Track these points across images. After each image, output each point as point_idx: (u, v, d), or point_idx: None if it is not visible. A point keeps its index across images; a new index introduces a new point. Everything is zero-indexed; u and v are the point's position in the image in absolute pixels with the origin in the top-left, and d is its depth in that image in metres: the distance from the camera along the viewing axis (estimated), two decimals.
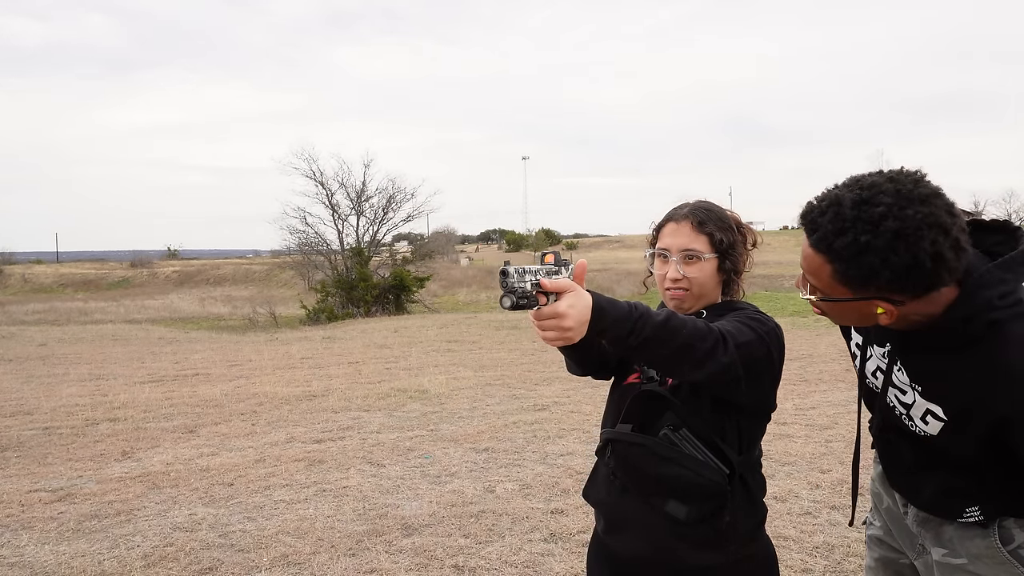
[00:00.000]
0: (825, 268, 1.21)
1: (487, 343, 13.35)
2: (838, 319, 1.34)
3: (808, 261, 1.25)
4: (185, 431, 6.44)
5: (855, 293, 1.21)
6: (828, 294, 1.25)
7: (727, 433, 1.46)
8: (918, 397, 1.34)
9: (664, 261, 1.57)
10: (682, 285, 1.54)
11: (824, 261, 1.20)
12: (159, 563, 3.52)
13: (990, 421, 1.23)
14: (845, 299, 1.23)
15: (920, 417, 1.35)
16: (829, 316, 1.33)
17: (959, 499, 1.39)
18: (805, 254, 1.25)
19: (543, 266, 1.27)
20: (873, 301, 1.21)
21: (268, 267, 42.86)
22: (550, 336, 1.20)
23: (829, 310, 1.31)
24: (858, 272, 1.16)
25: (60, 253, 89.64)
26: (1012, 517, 1.36)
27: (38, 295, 45.70)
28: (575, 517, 3.99)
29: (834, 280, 1.21)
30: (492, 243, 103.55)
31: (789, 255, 45.75)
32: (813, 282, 1.26)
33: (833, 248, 1.17)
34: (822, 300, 1.27)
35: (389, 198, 29.56)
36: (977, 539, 1.38)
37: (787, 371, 9.17)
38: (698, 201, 1.61)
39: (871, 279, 1.16)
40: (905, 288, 1.17)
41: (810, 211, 1.22)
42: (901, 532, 1.56)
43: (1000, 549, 1.35)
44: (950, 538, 1.42)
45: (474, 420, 6.59)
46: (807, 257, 1.24)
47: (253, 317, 26.13)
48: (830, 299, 1.25)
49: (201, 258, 73.40)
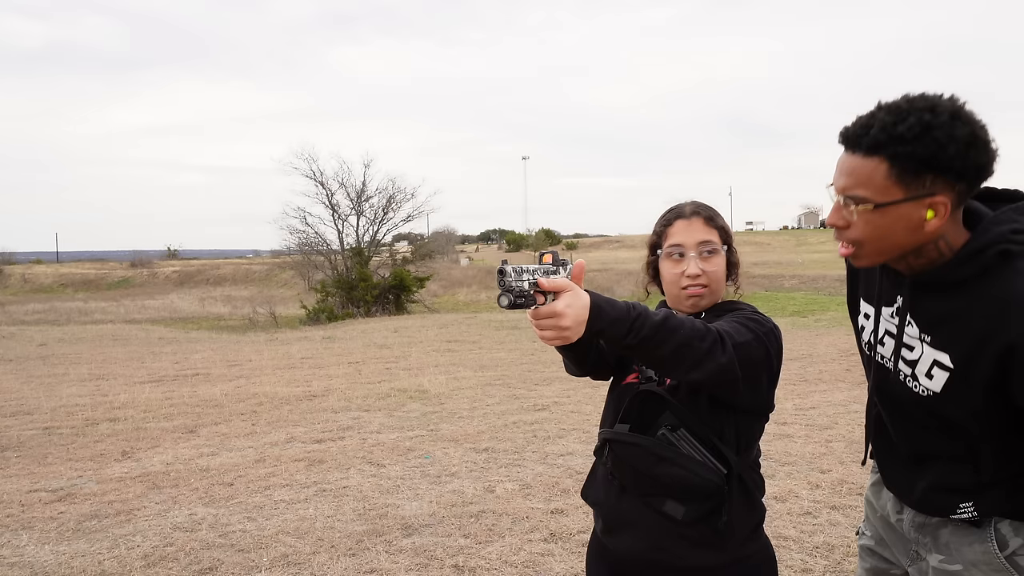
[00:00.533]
0: (880, 168, 1.22)
1: (487, 343, 13.35)
2: (878, 243, 1.29)
3: (854, 174, 1.25)
4: (185, 431, 6.44)
5: (910, 191, 1.22)
6: (881, 201, 1.24)
7: (725, 433, 1.46)
8: (926, 348, 1.34)
9: (677, 260, 1.56)
10: (701, 281, 1.53)
11: (879, 160, 1.21)
12: (159, 563, 3.52)
13: (996, 353, 1.22)
14: (899, 200, 1.23)
15: (925, 373, 1.34)
16: (866, 247, 1.30)
17: (952, 493, 1.38)
18: (849, 169, 1.26)
19: (541, 266, 1.27)
20: (925, 201, 1.22)
21: (268, 267, 42.85)
22: (548, 335, 1.20)
23: (872, 231, 1.27)
24: (925, 150, 1.18)
25: (60, 253, 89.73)
26: (1007, 520, 1.35)
27: (38, 295, 45.71)
28: (575, 517, 3.99)
29: (890, 179, 1.21)
30: (492, 243, 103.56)
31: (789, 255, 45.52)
32: (861, 193, 1.24)
33: (896, 134, 1.19)
34: (875, 209, 1.25)
35: (389, 198, 29.58)
36: (975, 544, 1.37)
37: (787, 371, 9.17)
38: (693, 200, 1.62)
39: (937, 158, 1.18)
40: (966, 168, 1.19)
41: (855, 124, 1.25)
42: (895, 539, 1.55)
43: (997, 555, 1.34)
44: (946, 543, 1.41)
45: (474, 420, 6.59)
46: (852, 171, 1.25)
47: (253, 317, 26.14)
48: (884, 203, 1.23)
49: (201, 258, 73.42)
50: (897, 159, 1.20)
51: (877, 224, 1.26)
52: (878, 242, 1.29)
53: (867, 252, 1.32)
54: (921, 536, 1.47)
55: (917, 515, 1.48)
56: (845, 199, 1.28)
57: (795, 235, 68.97)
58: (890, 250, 1.30)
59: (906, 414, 1.44)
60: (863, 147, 1.23)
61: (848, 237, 1.31)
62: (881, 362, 1.47)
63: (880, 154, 1.21)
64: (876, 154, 1.22)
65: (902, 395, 1.42)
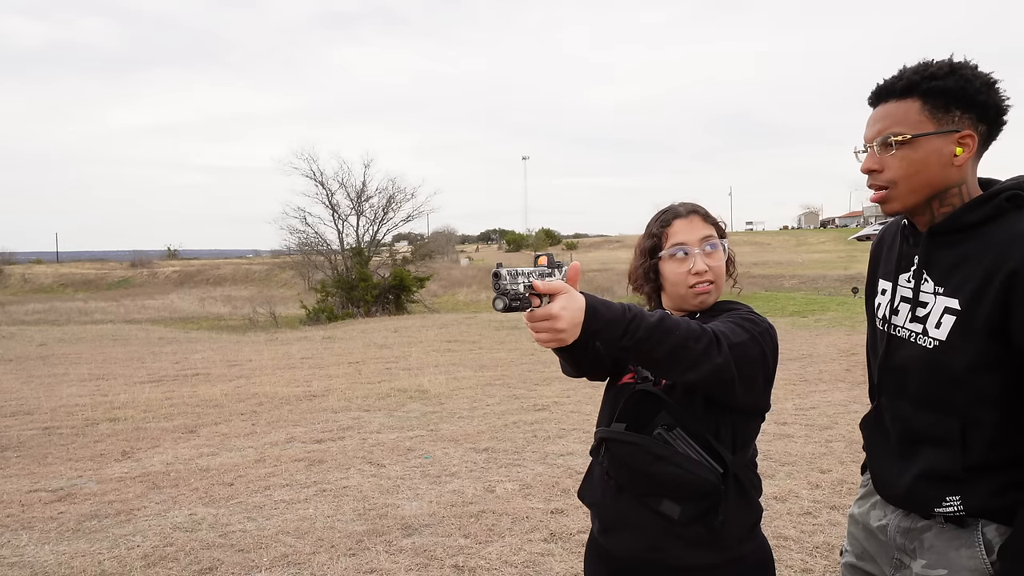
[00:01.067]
0: (914, 106, 1.37)
1: (487, 343, 13.35)
2: (911, 180, 1.39)
3: (888, 117, 1.40)
4: (185, 431, 6.44)
5: (941, 125, 1.35)
6: (916, 133, 1.36)
7: (721, 432, 1.46)
8: (938, 299, 1.39)
9: (681, 260, 1.56)
10: (707, 277, 1.55)
11: (913, 100, 1.37)
12: (159, 563, 3.52)
13: (1000, 284, 1.28)
14: (931, 133, 1.36)
15: (935, 323, 1.39)
16: (900, 185, 1.40)
17: (939, 484, 1.38)
18: (883, 115, 1.41)
19: (536, 268, 1.26)
20: (954, 136, 1.35)
21: (268, 267, 42.87)
22: (543, 338, 1.21)
23: (907, 167, 1.38)
24: (954, 84, 1.34)
25: (60, 253, 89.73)
26: (994, 524, 1.34)
27: (38, 295, 45.72)
28: (575, 517, 3.99)
29: (923, 114, 1.36)
30: (492, 243, 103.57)
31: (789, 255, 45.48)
32: (897, 130, 1.38)
33: (928, 74, 1.35)
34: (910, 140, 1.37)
35: (389, 198, 29.59)
36: (962, 549, 1.36)
37: (787, 371, 9.17)
38: (683, 201, 1.63)
39: (964, 91, 1.34)
40: (988, 106, 1.35)
41: (887, 79, 1.42)
42: (877, 549, 1.53)
43: (984, 559, 1.33)
44: (931, 546, 1.40)
45: (474, 420, 6.60)
46: (886, 115, 1.40)
47: (253, 317, 26.15)
48: (919, 135, 1.36)
49: (201, 258, 73.45)
50: (929, 95, 1.36)
51: (912, 160, 1.38)
52: (912, 179, 1.39)
53: (900, 192, 1.41)
54: (907, 542, 1.45)
55: (903, 520, 1.47)
56: (880, 141, 1.40)
57: (795, 235, 68.99)
58: (923, 187, 1.39)
59: (905, 387, 1.45)
60: (898, 91, 1.39)
61: (884, 179, 1.42)
62: (893, 332, 1.50)
63: (914, 94, 1.37)
64: (910, 95, 1.37)
65: (908, 360, 1.44)
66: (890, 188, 1.41)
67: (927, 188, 1.39)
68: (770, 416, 1.58)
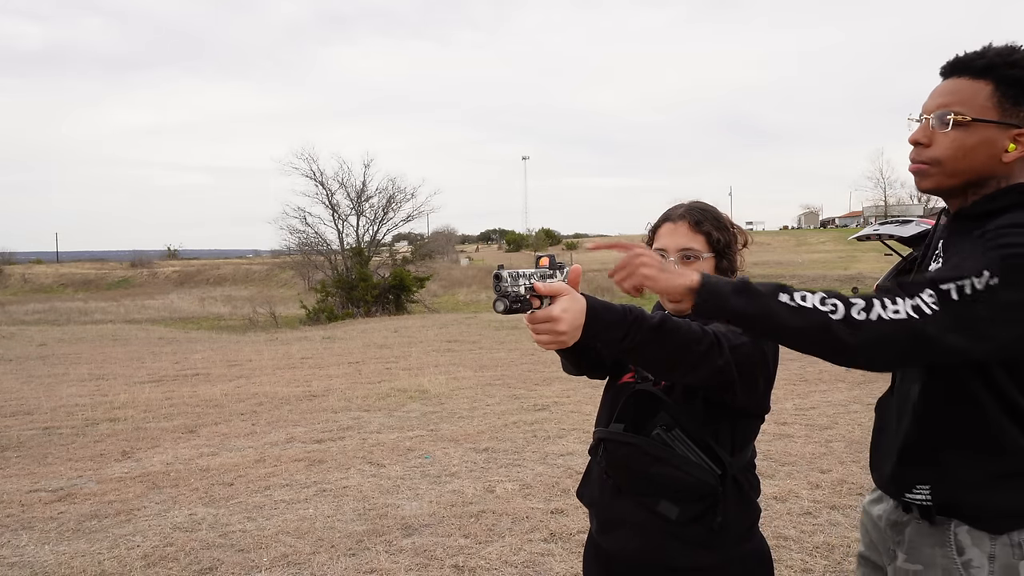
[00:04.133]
0: (985, 90, 1.32)
1: (487, 343, 13.35)
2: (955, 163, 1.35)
3: (956, 93, 1.34)
4: (185, 431, 6.44)
5: (1004, 116, 1.31)
6: (978, 116, 1.32)
7: (720, 433, 1.46)
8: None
9: None
10: None
11: (986, 83, 1.32)
12: (159, 563, 3.52)
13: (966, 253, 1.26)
14: (992, 121, 1.31)
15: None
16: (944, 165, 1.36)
17: (914, 467, 1.38)
18: (951, 89, 1.35)
19: (537, 269, 1.26)
20: (1012, 131, 1.31)
21: (268, 267, 42.86)
22: (544, 340, 1.20)
23: (956, 150, 1.34)
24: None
25: (60, 253, 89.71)
26: (966, 526, 1.34)
27: (38, 295, 45.73)
28: (575, 517, 3.99)
29: (991, 100, 1.31)
30: (492, 243, 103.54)
31: (789, 255, 45.55)
32: (960, 108, 1.33)
33: (1010, 60, 1.30)
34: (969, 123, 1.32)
35: (389, 198, 29.59)
36: (936, 548, 1.36)
37: (787, 371, 9.15)
38: (693, 201, 1.61)
39: None
40: None
41: (969, 53, 1.36)
42: (880, 539, 1.54)
43: (954, 559, 1.34)
44: (911, 541, 1.41)
45: (474, 420, 6.60)
46: (955, 90, 1.35)
47: (253, 317, 26.15)
48: (980, 119, 1.32)
49: (201, 258, 73.45)
50: (1004, 83, 1.31)
51: (963, 143, 1.33)
52: (956, 162, 1.35)
53: (940, 171, 1.38)
54: (894, 535, 1.47)
55: (892, 512, 1.48)
56: (937, 116, 1.35)
57: (795, 235, 68.99)
58: (963, 173, 1.36)
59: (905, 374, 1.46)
60: (974, 70, 1.33)
61: (928, 155, 1.38)
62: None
63: (989, 76, 1.32)
64: (985, 76, 1.32)
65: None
66: (931, 165, 1.37)
67: (967, 174, 1.35)
68: (770, 416, 1.58)
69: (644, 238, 1.66)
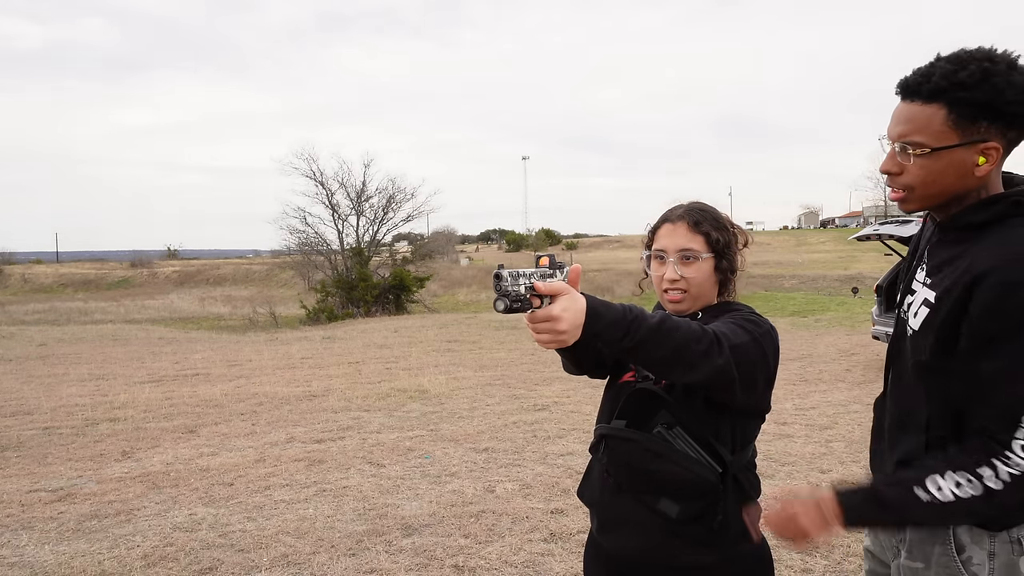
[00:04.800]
0: (939, 115, 1.29)
1: (487, 343, 13.35)
2: (929, 188, 1.35)
3: (912, 121, 1.32)
4: (185, 431, 6.44)
5: (965, 137, 1.28)
6: (937, 146, 1.30)
7: (721, 432, 1.46)
8: (923, 289, 1.40)
9: (661, 262, 1.57)
10: (680, 286, 1.54)
11: (939, 107, 1.28)
12: (159, 563, 3.52)
13: (964, 286, 1.26)
14: (955, 145, 1.29)
15: (915, 312, 1.40)
16: (917, 191, 1.35)
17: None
18: (907, 116, 1.33)
19: (537, 269, 1.26)
20: (979, 146, 1.28)
21: (268, 267, 42.87)
22: (544, 339, 1.21)
23: (925, 175, 1.33)
24: (983, 96, 1.25)
25: (60, 253, 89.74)
26: (966, 525, 1.34)
27: (38, 295, 45.72)
28: (575, 517, 3.99)
29: (947, 124, 1.28)
30: (492, 243, 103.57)
31: (789, 255, 45.48)
32: (918, 139, 1.31)
33: (957, 81, 1.25)
34: (930, 153, 1.31)
35: (389, 198, 29.57)
36: (936, 546, 1.37)
37: (787, 371, 9.16)
38: (692, 202, 1.61)
39: (994, 103, 1.25)
40: (1019, 115, 1.26)
41: (915, 73, 1.32)
42: (884, 535, 1.57)
43: (954, 557, 1.34)
44: (912, 539, 1.42)
45: (474, 420, 6.60)
46: (910, 118, 1.32)
47: (253, 317, 26.14)
48: (941, 148, 1.30)
49: (201, 258, 73.46)
50: (956, 104, 1.27)
51: (931, 169, 1.32)
52: (929, 187, 1.35)
53: (917, 196, 1.37)
54: (895, 532, 1.48)
55: None
56: (901, 145, 1.34)
57: (795, 235, 69.02)
58: (939, 195, 1.36)
59: (902, 371, 1.47)
60: (923, 94, 1.30)
61: (901, 183, 1.37)
62: (902, 316, 1.51)
63: (940, 100, 1.28)
64: (936, 100, 1.29)
65: (903, 344, 1.46)
66: (907, 192, 1.38)
67: (944, 196, 1.36)
68: (770, 416, 1.58)
69: (644, 239, 1.66)
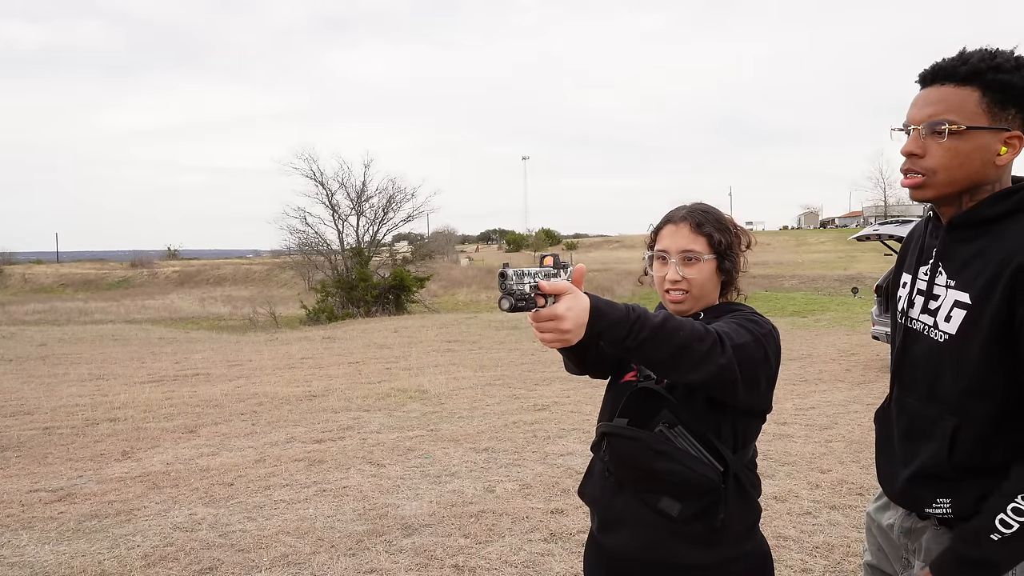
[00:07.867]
0: (972, 96, 1.31)
1: (487, 343, 13.35)
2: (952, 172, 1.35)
3: (944, 102, 1.33)
4: (185, 431, 6.44)
5: (994, 121, 1.31)
6: (970, 124, 1.32)
7: (722, 431, 1.46)
8: (950, 292, 1.38)
9: (663, 263, 1.57)
10: (681, 287, 1.55)
11: (972, 90, 1.31)
12: (159, 563, 3.52)
13: (1009, 279, 1.26)
14: (984, 127, 1.31)
15: (945, 316, 1.37)
16: (939, 175, 1.35)
17: (930, 485, 1.38)
18: (938, 98, 1.34)
19: (542, 268, 1.27)
20: (1003, 134, 1.31)
21: (268, 267, 42.89)
22: (548, 338, 1.21)
23: (951, 158, 1.34)
24: (1020, 81, 1.29)
25: (60, 253, 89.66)
26: None
27: (38, 295, 45.71)
28: (575, 517, 3.99)
29: (980, 107, 1.31)
30: (492, 243, 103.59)
31: (789, 255, 45.54)
32: (951, 118, 1.32)
33: (994, 64, 1.30)
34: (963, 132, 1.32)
35: (389, 198, 29.58)
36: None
37: (787, 371, 9.17)
38: (695, 203, 1.61)
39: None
40: None
41: (949, 59, 1.35)
42: (890, 547, 1.54)
43: None
44: (927, 548, 1.41)
45: (474, 420, 6.60)
46: (941, 99, 1.34)
47: (253, 317, 26.14)
48: (974, 127, 1.31)
49: (201, 258, 73.44)
50: (990, 88, 1.30)
51: (958, 151, 1.33)
52: (952, 171, 1.35)
53: (938, 181, 1.37)
54: (908, 542, 1.46)
55: (905, 520, 1.47)
56: (929, 126, 1.34)
57: (795, 235, 69.06)
58: (960, 180, 1.36)
59: (914, 380, 1.45)
60: (959, 76, 1.32)
61: (923, 165, 1.37)
62: (909, 325, 1.49)
63: (975, 83, 1.31)
64: (971, 83, 1.31)
65: (919, 353, 1.44)
66: (927, 176, 1.37)
67: (965, 182, 1.35)
68: (770, 416, 1.58)
69: (647, 239, 1.66)
